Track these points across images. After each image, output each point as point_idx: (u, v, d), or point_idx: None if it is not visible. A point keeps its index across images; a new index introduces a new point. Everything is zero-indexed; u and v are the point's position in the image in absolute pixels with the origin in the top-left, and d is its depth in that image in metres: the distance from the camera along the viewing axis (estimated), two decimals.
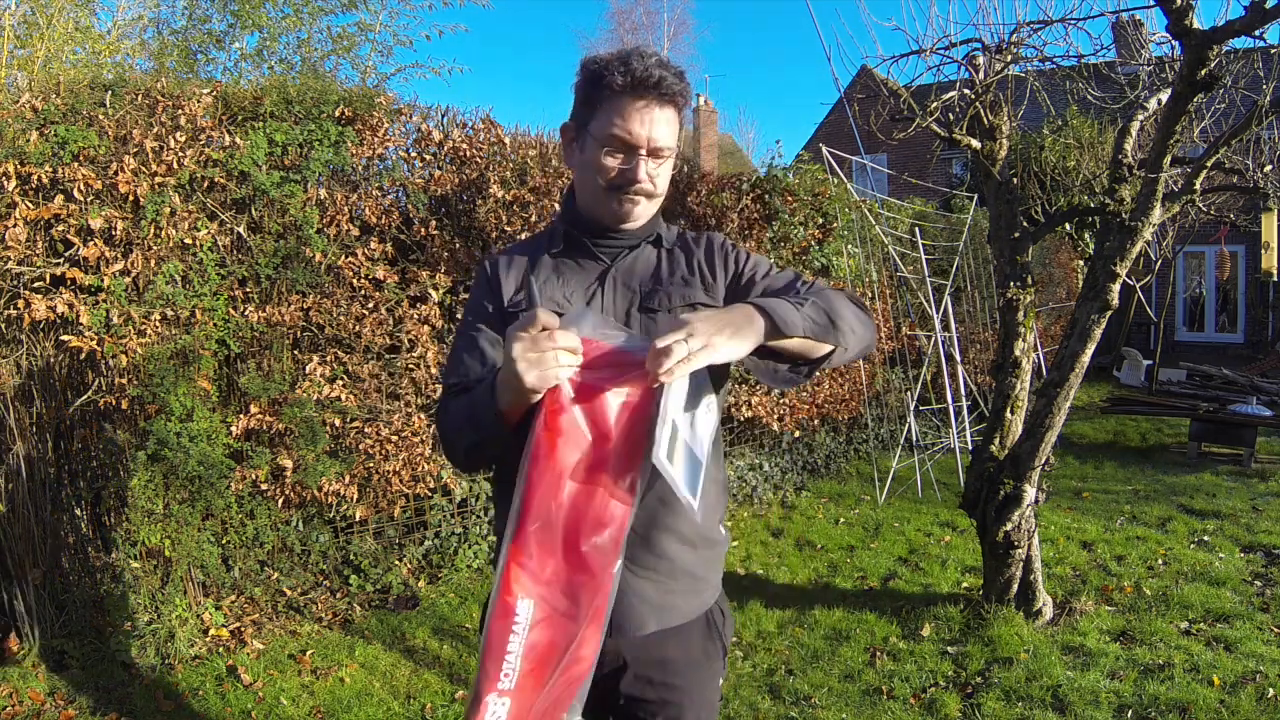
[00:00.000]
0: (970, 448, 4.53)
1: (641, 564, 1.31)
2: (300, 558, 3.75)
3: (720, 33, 53.77)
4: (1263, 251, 9.84)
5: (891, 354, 7.02)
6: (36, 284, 3.08)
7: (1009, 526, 3.47)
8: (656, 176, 1.35)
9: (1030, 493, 3.48)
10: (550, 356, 1.06)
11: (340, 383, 3.60)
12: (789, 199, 5.65)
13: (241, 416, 3.41)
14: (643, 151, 1.31)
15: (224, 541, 3.47)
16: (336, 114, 3.57)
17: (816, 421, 6.30)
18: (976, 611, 3.63)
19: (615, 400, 1.09)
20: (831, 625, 3.62)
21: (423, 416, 3.84)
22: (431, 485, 3.99)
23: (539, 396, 1.09)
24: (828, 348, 1.25)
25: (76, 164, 3.07)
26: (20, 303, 3.00)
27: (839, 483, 6.09)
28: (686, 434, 1.11)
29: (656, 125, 1.30)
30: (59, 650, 3.10)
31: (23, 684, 2.93)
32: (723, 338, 1.07)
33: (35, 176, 3.01)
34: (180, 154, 3.24)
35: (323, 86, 3.65)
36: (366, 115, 3.66)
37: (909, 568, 4.35)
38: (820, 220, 5.99)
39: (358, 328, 3.63)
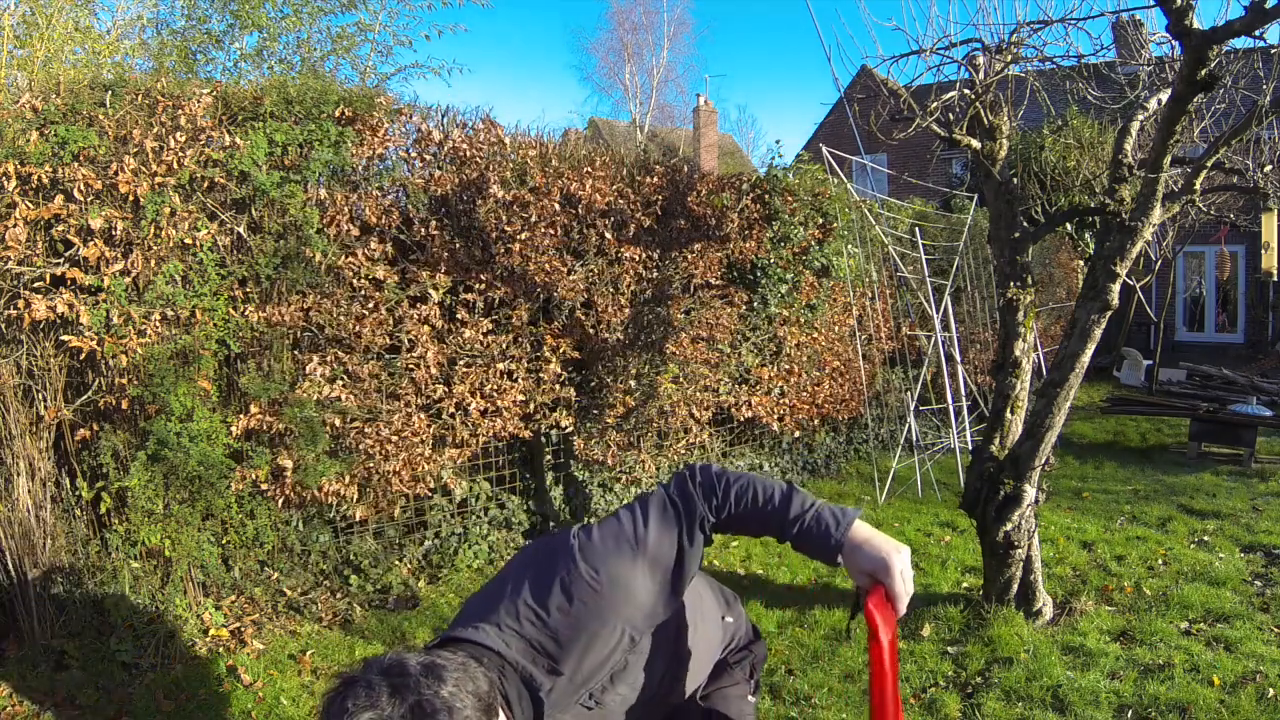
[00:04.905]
0: (970, 448, 4.53)
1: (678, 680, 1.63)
2: (300, 558, 3.75)
3: (720, 32, 53.80)
4: (1263, 251, 9.84)
5: (891, 354, 7.02)
6: (36, 284, 3.07)
7: (1009, 526, 3.47)
8: None
9: (1030, 493, 3.48)
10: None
11: (340, 383, 3.61)
12: (789, 199, 5.65)
13: (241, 416, 3.41)
14: None
15: (224, 541, 3.48)
16: (336, 114, 3.57)
17: (816, 421, 6.30)
18: (976, 611, 3.63)
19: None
20: (831, 625, 3.62)
21: (423, 417, 3.84)
22: (431, 485, 3.99)
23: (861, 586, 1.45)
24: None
25: (76, 164, 3.07)
26: (20, 303, 3.00)
27: (839, 483, 6.09)
28: None
29: None
30: (59, 650, 3.10)
31: (23, 684, 2.93)
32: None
33: (35, 176, 3.00)
34: (180, 154, 3.23)
35: (323, 87, 3.64)
36: (366, 115, 3.66)
37: None
38: (820, 220, 5.99)
39: (358, 328, 3.63)
